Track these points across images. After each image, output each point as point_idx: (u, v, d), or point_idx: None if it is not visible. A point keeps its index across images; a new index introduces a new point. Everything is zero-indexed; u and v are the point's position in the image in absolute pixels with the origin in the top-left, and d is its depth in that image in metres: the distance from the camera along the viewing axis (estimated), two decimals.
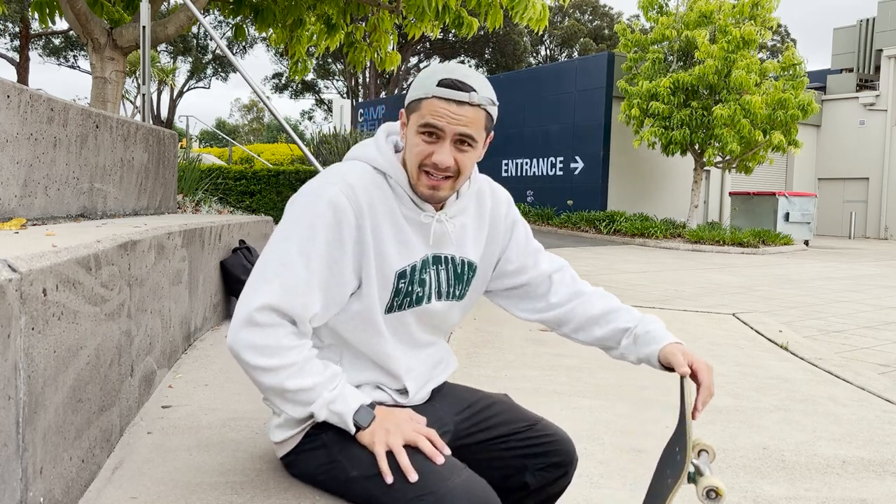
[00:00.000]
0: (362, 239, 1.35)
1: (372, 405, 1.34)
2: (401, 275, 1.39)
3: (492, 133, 1.43)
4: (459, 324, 1.62)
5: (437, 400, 1.54)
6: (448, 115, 1.32)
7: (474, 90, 1.33)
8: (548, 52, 44.55)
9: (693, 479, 1.26)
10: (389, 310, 1.41)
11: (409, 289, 1.41)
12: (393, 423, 1.30)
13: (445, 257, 1.46)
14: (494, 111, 1.39)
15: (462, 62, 41.98)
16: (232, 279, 3.42)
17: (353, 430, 1.30)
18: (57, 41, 31.79)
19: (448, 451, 1.30)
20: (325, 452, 1.36)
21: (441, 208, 1.45)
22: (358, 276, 1.37)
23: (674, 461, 1.32)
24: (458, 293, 1.51)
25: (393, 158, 1.41)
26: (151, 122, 6.10)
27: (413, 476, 1.23)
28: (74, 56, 32.90)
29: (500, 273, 1.61)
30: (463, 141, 1.34)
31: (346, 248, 1.33)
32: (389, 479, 1.24)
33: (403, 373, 1.45)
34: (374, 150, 1.43)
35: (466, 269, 1.51)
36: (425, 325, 1.49)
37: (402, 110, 1.41)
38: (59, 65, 33.65)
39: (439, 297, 1.47)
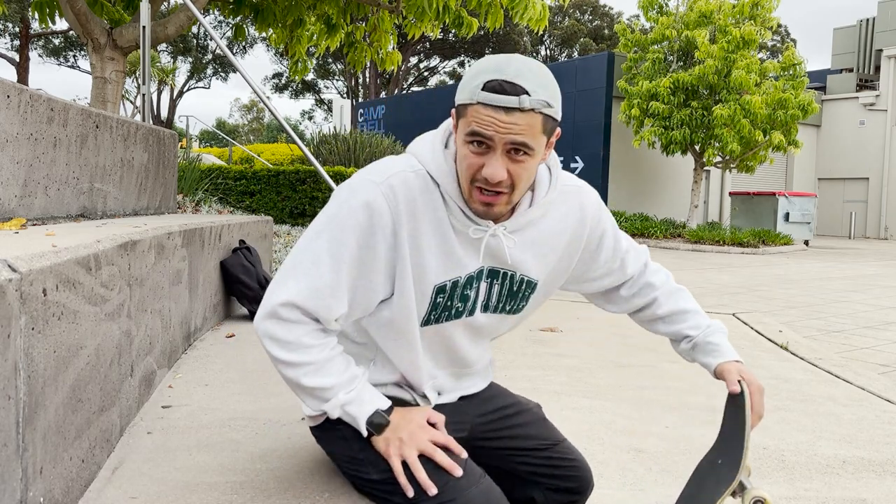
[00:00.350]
0: (398, 247, 1.25)
1: (390, 408, 1.30)
2: (440, 289, 1.30)
3: (558, 131, 1.25)
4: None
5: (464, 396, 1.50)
6: (495, 124, 1.16)
7: (526, 92, 1.15)
8: (548, 52, 44.56)
9: (735, 492, 1.28)
10: (426, 323, 1.33)
11: (448, 304, 1.32)
12: (407, 431, 1.26)
13: (504, 273, 1.34)
14: (555, 112, 1.20)
15: (462, 62, 41.95)
16: (232, 279, 3.42)
17: (365, 434, 1.28)
18: (57, 41, 31.80)
19: (465, 455, 1.28)
20: (346, 446, 1.34)
21: (508, 217, 1.31)
22: (391, 284, 1.28)
23: (717, 473, 1.33)
24: (510, 308, 1.40)
25: (444, 164, 1.27)
26: (151, 122, 6.10)
27: (432, 491, 1.21)
28: (74, 56, 32.92)
29: (584, 278, 1.51)
30: (517, 150, 1.18)
31: (379, 253, 1.25)
32: (410, 492, 1.22)
33: (425, 380, 1.40)
34: (429, 151, 1.29)
35: (524, 287, 1.38)
36: (468, 334, 1.40)
37: (454, 110, 1.26)
38: (59, 65, 33.67)
39: (485, 309, 1.37)
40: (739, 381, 1.39)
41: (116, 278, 1.72)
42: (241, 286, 3.43)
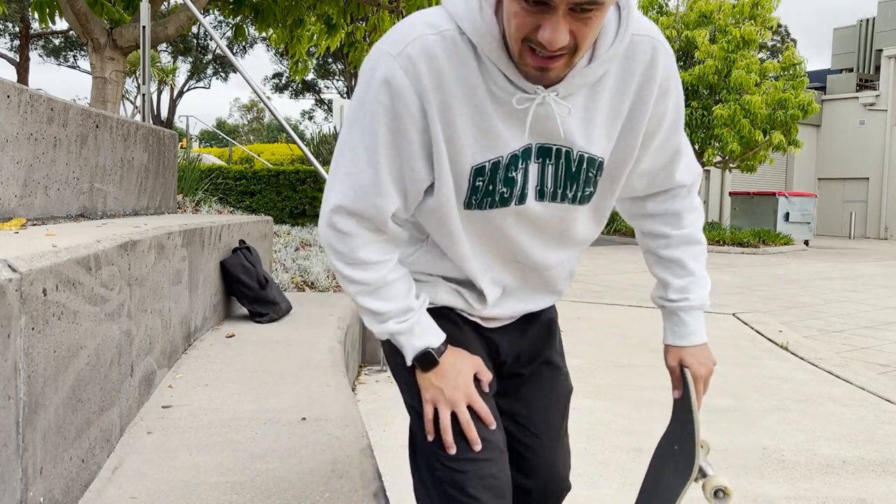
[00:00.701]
0: (429, 126, 1.07)
1: (443, 344, 1.19)
2: (477, 171, 1.09)
3: None
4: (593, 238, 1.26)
5: (514, 330, 1.32)
6: None
7: None
8: None
9: (697, 478, 1.26)
10: (469, 206, 1.13)
11: (490, 188, 1.11)
12: (451, 385, 1.18)
13: (558, 150, 1.10)
14: None
15: None
16: (232, 279, 3.42)
17: (409, 365, 1.20)
18: (57, 41, 31.80)
19: (493, 427, 1.20)
20: (395, 352, 1.25)
21: (560, 78, 1.05)
22: (433, 169, 1.11)
23: (675, 459, 1.32)
24: (572, 195, 1.15)
25: (480, 21, 1.02)
26: (151, 122, 6.10)
27: (451, 451, 1.17)
28: (74, 56, 32.91)
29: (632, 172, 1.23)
30: (582, 8, 0.93)
31: (411, 137, 1.08)
32: (431, 437, 1.19)
33: (480, 273, 1.21)
34: (462, 3, 1.04)
35: (586, 166, 1.13)
36: (525, 227, 1.17)
37: None
38: (59, 65, 33.66)
39: (541, 197, 1.14)
40: (683, 371, 1.33)
41: (116, 278, 1.71)
42: (241, 286, 3.43)
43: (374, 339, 4.34)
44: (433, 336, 1.19)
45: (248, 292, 3.44)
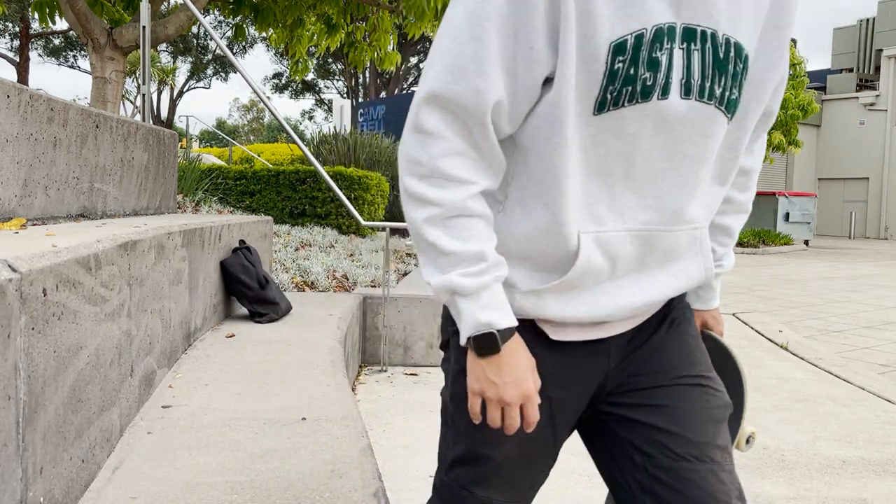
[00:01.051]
0: None
1: (509, 331, 0.93)
2: (618, 48, 0.86)
3: None
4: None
5: (625, 341, 1.04)
6: None
7: None
8: None
9: None
10: (601, 106, 0.89)
11: (632, 71, 0.87)
12: (508, 380, 0.93)
13: (703, 32, 0.89)
14: None
15: None
16: (232, 279, 3.42)
17: (462, 343, 0.95)
18: (57, 41, 31.81)
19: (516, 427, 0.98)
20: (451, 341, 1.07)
21: None
22: (555, 48, 0.87)
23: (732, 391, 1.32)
24: (720, 94, 0.93)
25: None
26: (151, 122, 6.11)
27: (476, 421, 0.97)
28: (74, 56, 32.93)
29: None
30: None
31: (535, 2, 0.85)
32: (477, 421, 0.98)
33: (583, 226, 0.93)
34: None
35: (733, 54, 0.92)
36: (664, 142, 0.92)
37: None
38: (59, 65, 33.68)
39: (686, 92, 0.90)
40: (713, 336, 1.30)
41: (116, 278, 1.71)
42: (241, 286, 3.43)
43: (374, 339, 4.34)
44: (502, 315, 0.92)
45: (248, 292, 3.44)
